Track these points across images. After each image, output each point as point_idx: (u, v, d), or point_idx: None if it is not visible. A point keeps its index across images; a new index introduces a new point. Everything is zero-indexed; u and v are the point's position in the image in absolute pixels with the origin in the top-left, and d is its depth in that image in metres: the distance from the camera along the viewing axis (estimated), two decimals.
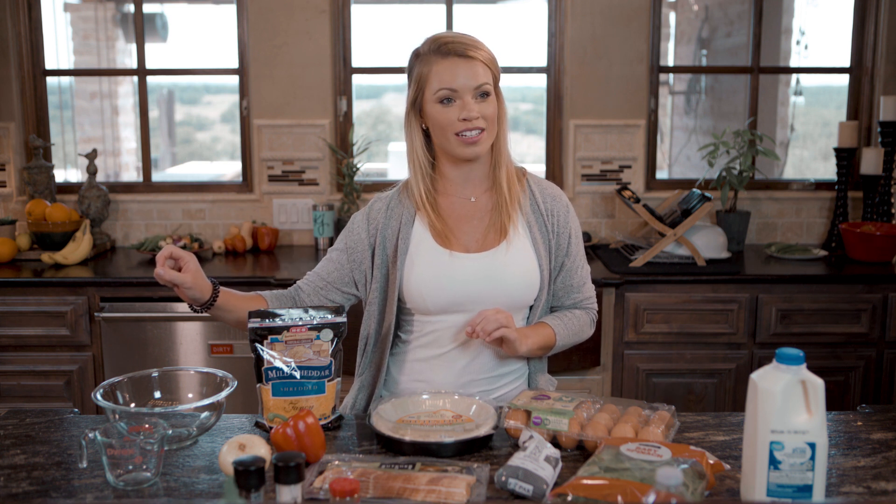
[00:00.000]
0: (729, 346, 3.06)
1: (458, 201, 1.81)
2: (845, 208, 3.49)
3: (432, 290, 1.74)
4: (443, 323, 1.78)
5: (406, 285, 1.76)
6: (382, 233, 1.80)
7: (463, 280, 1.74)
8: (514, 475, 1.32)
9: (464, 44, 1.70)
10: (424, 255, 1.76)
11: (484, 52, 1.72)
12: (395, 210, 1.81)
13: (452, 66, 1.69)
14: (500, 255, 1.76)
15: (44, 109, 3.65)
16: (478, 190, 1.82)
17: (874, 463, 1.47)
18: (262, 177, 3.60)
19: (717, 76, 5.66)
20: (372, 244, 1.81)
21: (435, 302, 1.75)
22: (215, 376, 1.68)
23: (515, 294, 1.77)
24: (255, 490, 1.11)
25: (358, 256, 1.83)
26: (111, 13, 5.86)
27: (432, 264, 1.75)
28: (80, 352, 3.04)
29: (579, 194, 3.60)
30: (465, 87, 1.69)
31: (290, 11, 3.49)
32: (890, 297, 3.04)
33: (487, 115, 1.71)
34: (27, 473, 1.45)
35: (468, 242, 1.78)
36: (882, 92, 3.55)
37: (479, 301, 1.74)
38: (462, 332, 1.76)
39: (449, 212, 1.80)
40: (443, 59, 1.69)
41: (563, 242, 1.86)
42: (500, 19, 5.73)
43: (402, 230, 1.78)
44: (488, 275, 1.75)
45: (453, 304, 1.75)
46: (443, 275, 1.74)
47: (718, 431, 1.61)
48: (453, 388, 1.78)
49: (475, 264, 1.76)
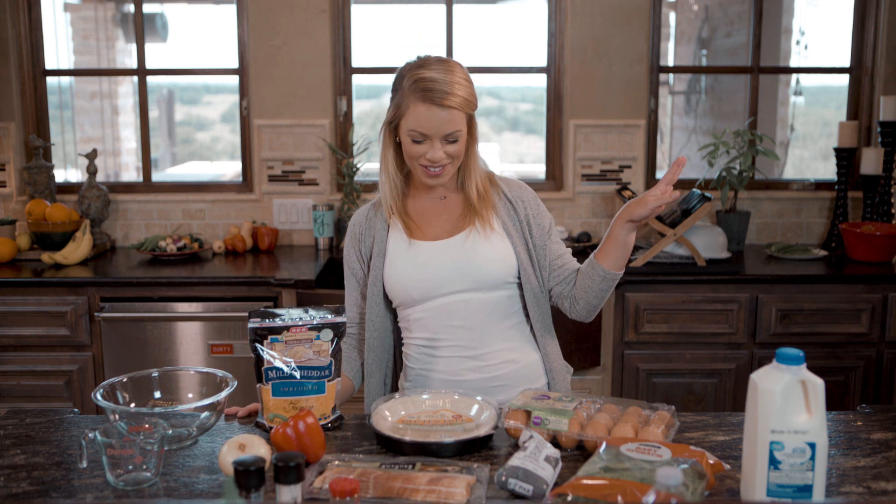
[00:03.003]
0: (729, 346, 3.06)
1: (429, 200, 1.91)
2: (845, 208, 3.49)
3: (409, 278, 1.83)
4: (429, 311, 1.84)
5: (387, 281, 1.86)
6: (366, 243, 1.91)
7: (436, 264, 1.82)
8: (514, 475, 1.32)
9: (443, 91, 1.73)
10: (399, 250, 1.86)
11: (459, 98, 1.74)
12: (372, 220, 1.92)
13: (428, 112, 1.74)
14: (468, 238, 1.84)
15: (44, 109, 3.65)
16: (448, 190, 1.91)
17: (874, 463, 1.47)
18: (262, 177, 3.60)
19: (717, 76, 5.66)
20: (360, 257, 1.92)
21: (416, 289, 1.82)
22: (215, 376, 1.68)
23: (490, 271, 1.83)
24: (255, 490, 1.11)
25: (360, 275, 1.94)
26: (111, 13, 5.85)
27: (406, 256, 1.85)
28: (80, 352, 3.04)
29: (579, 194, 3.60)
30: (437, 133, 1.76)
31: (290, 11, 3.49)
32: (890, 297, 3.04)
33: (453, 153, 1.79)
34: (27, 473, 1.45)
35: (438, 233, 1.87)
36: (882, 92, 3.55)
37: (456, 282, 1.82)
38: (455, 316, 1.82)
39: (421, 210, 1.90)
40: (421, 104, 1.74)
41: (542, 222, 1.91)
42: (500, 19, 5.73)
43: (378, 235, 1.89)
44: (460, 256, 1.83)
45: (432, 289, 1.82)
46: (417, 263, 1.83)
47: (718, 431, 1.61)
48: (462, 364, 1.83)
49: (445, 248, 1.84)
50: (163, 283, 3.02)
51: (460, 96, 1.74)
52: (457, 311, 1.83)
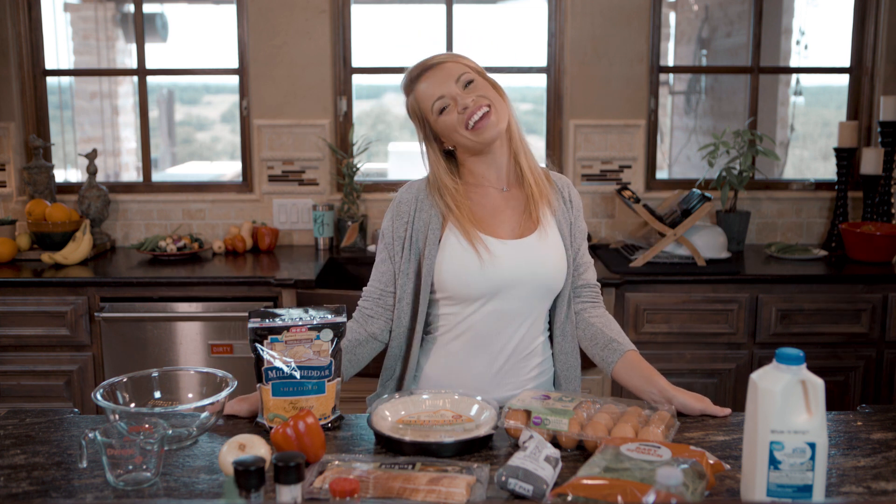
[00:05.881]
0: (729, 346, 3.06)
1: (490, 191, 1.84)
2: (845, 208, 3.49)
3: (471, 276, 1.75)
4: (478, 313, 1.78)
5: (443, 273, 1.77)
6: (413, 224, 1.82)
7: (500, 266, 1.76)
8: (514, 475, 1.32)
9: (427, 60, 1.82)
10: (461, 241, 1.78)
11: (448, 56, 1.82)
12: (424, 202, 1.83)
13: (427, 79, 1.80)
14: (534, 242, 1.80)
15: (44, 109, 3.65)
16: (507, 181, 1.85)
17: (874, 463, 1.47)
18: (262, 177, 3.60)
19: (717, 76, 5.66)
20: (402, 237, 1.83)
21: (475, 288, 1.76)
22: (215, 376, 1.68)
23: (549, 281, 1.80)
24: (255, 490, 1.11)
25: (396, 256, 1.85)
26: (111, 13, 5.85)
27: (469, 250, 1.76)
28: (80, 352, 3.04)
29: (579, 194, 3.60)
30: (447, 87, 1.77)
31: (290, 11, 3.49)
32: (890, 297, 3.04)
33: (483, 96, 1.77)
34: (27, 473, 1.45)
35: (503, 230, 1.81)
36: (882, 92, 3.55)
37: (515, 287, 1.77)
38: (497, 321, 1.78)
39: (483, 202, 1.83)
40: (420, 82, 1.81)
41: (582, 226, 1.93)
42: (500, 19, 5.73)
43: (433, 221, 1.80)
44: (525, 261, 1.78)
45: (490, 291, 1.76)
46: (482, 260, 1.76)
47: (718, 431, 1.61)
48: (487, 379, 1.80)
49: (511, 251, 1.78)
50: (163, 283, 3.02)
51: (445, 55, 1.82)
52: (506, 319, 1.78)
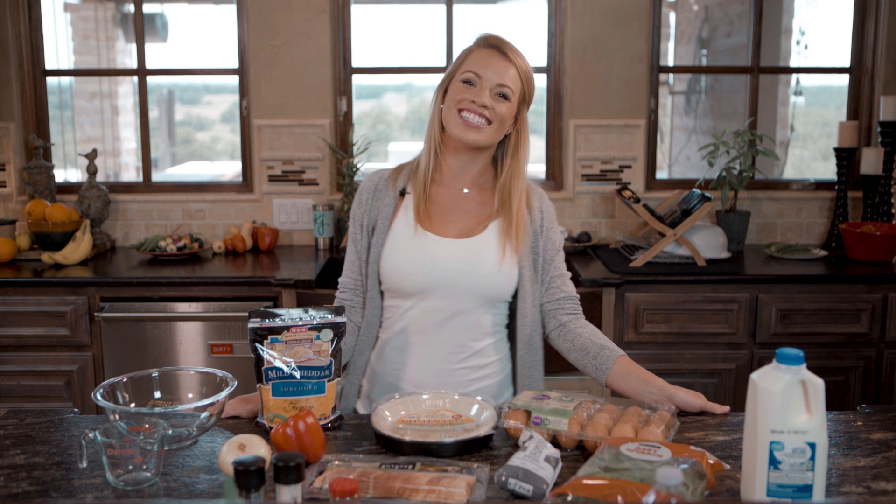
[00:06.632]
0: (729, 346, 3.06)
1: (450, 191, 1.85)
2: (845, 208, 3.49)
3: (409, 269, 1.77)
4: (416, 309, 1.79)
5: (384, 264, 1.80)
6: (370, 213, 1.85)
7: (438, 263, 1.77)
8: (514, 475, 1.32)
9: (509, 45, 1.79)
10: (405, 234, 1.80)
11: (522, 62, 1.79)
12: (382, 191, 1.86)
13: (488, 56, 1.77)
14: (478, 244, 1.79)
15: (44, 109, 3.65)
16: (471, 183, 1.85)
17: (874, 463, 1.47)
18: (262, 177, 3.60)
19: (717, 76, 5.67)
20: (361, 224, 1.86)
21: (412, 282, 1.77)
22: (215, 376, 1.67)
23: (490, 285, 1.78)
24: (255, 490, 1.11)
25: (360, 244, 1.86)
26: (111, 13, 5.86)
27: (411, 244, 1.79)
28: (80, 352, 3.04)
29: (579, 194, 3.60)
30: (490, 79, 1.75)
31: (290, 11, 3.49)
32: (890, 297, 3.04)
33: (498, 114, 1.75)
34: (27, 473, 1.45)
35: (450, 229, 1.81)
36: (882, 92, 3.55)
37: (454, 286, 1.76)
38: (435, 318, 1.77)
39: (438, 200, 1.84)
40: (484, 49, 1.78)
41: (554, 237, 1.88)
42: (500, 19, 5.73)
43: (384, 211, 1.83)
44: (460, 261, 1.77)
45: (428, 286, 1.77)
46: (422, 254, 1.77)
47: (718, 431, 1.61)
48: (428, 377, 1.79)
49: (452, 248, 1.78)
50: (163, 283, 3.02)
51: (522, 62, 1.78)
52: (443, 317, 1.77)
